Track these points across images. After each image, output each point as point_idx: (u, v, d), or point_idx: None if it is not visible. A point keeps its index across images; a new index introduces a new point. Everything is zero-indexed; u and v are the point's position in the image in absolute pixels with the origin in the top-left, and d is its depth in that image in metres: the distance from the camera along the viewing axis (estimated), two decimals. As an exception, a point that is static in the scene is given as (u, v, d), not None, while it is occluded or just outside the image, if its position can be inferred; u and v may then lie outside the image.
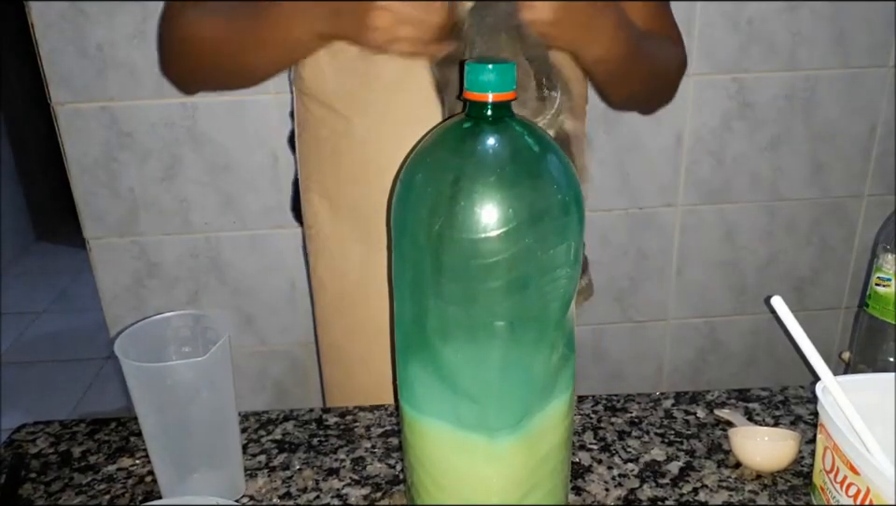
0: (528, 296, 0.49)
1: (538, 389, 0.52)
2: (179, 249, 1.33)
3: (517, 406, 0.52)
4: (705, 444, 0.72)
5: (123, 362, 0.59)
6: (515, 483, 0.54)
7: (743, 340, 1.51)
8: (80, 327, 2.78)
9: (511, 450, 0.53)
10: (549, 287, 0.50)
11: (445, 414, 0.52)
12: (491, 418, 0.51)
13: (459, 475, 0.54)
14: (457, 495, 0.55)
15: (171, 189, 1.28)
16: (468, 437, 0.52)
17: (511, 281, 0.48)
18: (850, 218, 1.43)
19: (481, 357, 0.50)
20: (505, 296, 0.48)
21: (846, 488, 0.56)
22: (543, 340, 0.51)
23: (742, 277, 1.45)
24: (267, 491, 0.67)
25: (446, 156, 0.51)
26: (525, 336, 0.50)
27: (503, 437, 0.52)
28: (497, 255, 0.47)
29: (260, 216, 1.31)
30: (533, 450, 0.54)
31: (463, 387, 0.51)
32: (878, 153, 1.38)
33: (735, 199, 1.39)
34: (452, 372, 0.51)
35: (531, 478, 0.55)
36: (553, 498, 0.58)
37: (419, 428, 0.55)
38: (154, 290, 1.35)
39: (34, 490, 0.68)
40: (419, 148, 0.53)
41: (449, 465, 0.55)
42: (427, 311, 0.51)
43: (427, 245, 0.49)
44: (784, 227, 1.42)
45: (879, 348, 0.80)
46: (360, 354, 0.87)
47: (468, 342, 0.50)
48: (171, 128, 1.24)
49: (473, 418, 0.51)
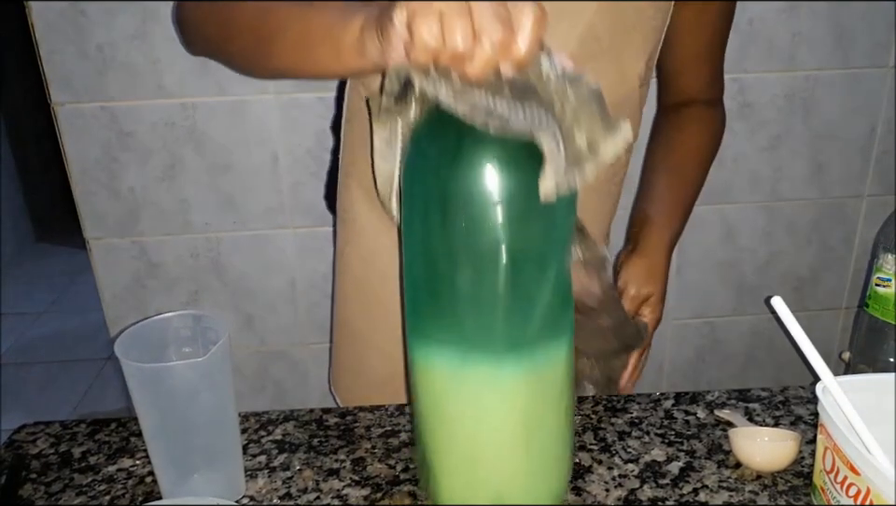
0: (530, 228, 0.52)
1: (539, 317, 0.54)
2: (179, 249, 1.33)
3: (520, 330, 0.54)
4: (705, 445, 0.72)
5: (123, 363, 0.59)
6: (520, 417, 0.56)
7: (743, 340, 1.51)
8: (80, 327, 2.78)
9: (516, 380, 0.54)
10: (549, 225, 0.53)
11: (452, 341, 0.54)
12: (496, 339, 0.53)
13: (466, 411, 0.56)
14: (464, 433, 0.57)
15: (171, 190, 1.28)
16: (475, 367, 0.54)
17: (514, 214, 0.51)
18: (850, 218, 1.43)
19: (487, 282, 0.52)
20: (509, 227, 0.51)
21: (846, 489, 0.56)
22: (544, 273, 0.54)
23: (742, 277, 1.45)
24: (267, 492, 0.67)
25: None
26: (527, 267, 0.53)
27: (508, 365, 0.54)
28: (501, 189, 0.50)
29: (260, 216, 1.31)
30: (537, 385, 0.56)
31: (469, 310, 0.53)
32: (878, 153, 1.38)
33: (734, 199, 1.39)
34: (459, 296, 0.53)
35: (536, 414, 0.56)
36: (558, 445, 0.59)
37: (427, 364, 0.57)
38: (154, 291, 1.35)
39: (34, 491, 0.68)
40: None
41: (457, 400, 0.56)
42: (436, 243, 0.53)
43: (436, 181, 0.52)
44: (784, 227, 1.42)
45: (879, 348, 0.80)
46: (373, 338, 0.89)
47: (474, 270, 0.52)
48: (171, 128, 1.24)
49: (480, 339, 0.54)
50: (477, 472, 0.58)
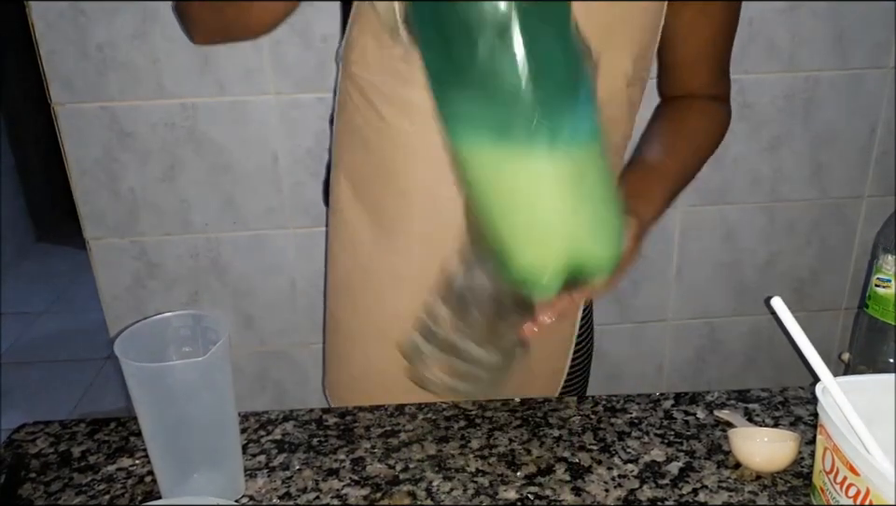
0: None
1: (562, 88, 0.57)
2: (179, 249, 1.33)
3: (549, 103, 0.56)
4: (704, 445, 0.72)
5: (123, 362, 0.59)
6: (561, 190, 0.58)
7: (743, 340, 1.51)
8: (80, 327, 2.78)
9: (550, 160, 0.57)
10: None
11: (486, 121, 0.57)
12: (525, 109, 0.55)
13: (517, 185, 0.59)
14: (522, 203, 0.60)
15: (171, 190, 1.28)
16: (512, 143, 0.57)
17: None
18: (850, 219, 1.43)
19: (503, 48, 0.54)
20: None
21: (845, 489, 0.56)
22: (560, 37, 0.56)
23: (742, 278, 1.45)
24: (267, 491, 0.67)
25: None
26: (538, 25, 0.54)
27: (540, 146, 0.56)
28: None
29: (260, 216, 1.31)
30: (571, 169, 0.58)
31: (492, 83, 0.55)
32: (878, 154, 1.38)
33: (734, 200, 1.39)
34: (481, 70, 0.55)
35: (577, 192, 0.59)
36: (603, 228, 0.63)
37: (471, 153, 0.60)
38: (154, 291, 1.35)
39: (33, 490, 0.68)
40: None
41: (505, 177, 0.59)
42: (450, 25, 0.55)
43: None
44: (784, 228, 1.42)
45: (879, 349, 0.80)
46: (358, 330, 0.89)
47: (487, 39, 0.54)
48: (171, 128, 1.24)
49: (510, 113, 0.56)
50: (543, 239, 0.61)
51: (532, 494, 0.66)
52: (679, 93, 0.90)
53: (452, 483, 0.68)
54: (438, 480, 0.68)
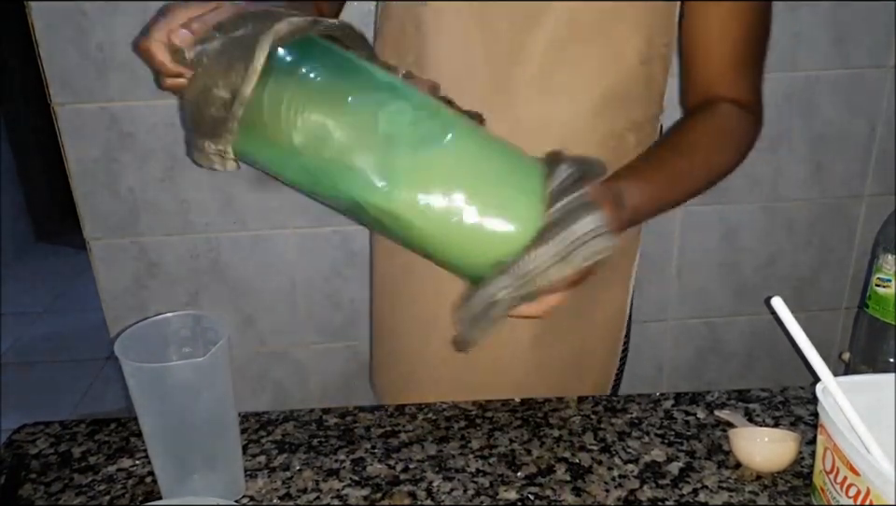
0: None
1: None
2: (179, 250, 1.33)
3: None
4: (705, 445, 0.72)
5: (123, 363, 0.59)
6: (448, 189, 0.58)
7: (743, 340, 1.51)
8: (80, 327, 2.78)
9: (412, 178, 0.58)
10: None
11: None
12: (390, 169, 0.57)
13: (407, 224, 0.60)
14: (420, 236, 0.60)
15: (171, 190, 1.28)
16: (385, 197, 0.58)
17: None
18: (850, 219, 1.43)
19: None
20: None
21: (846, 489, 0.56)
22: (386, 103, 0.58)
23: (742, 278, 1.45)
24: (267, 492, 0.67)
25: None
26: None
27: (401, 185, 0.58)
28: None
29: (260, 216, 1.31)
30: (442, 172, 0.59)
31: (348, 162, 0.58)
32: (878, 153, 1.37)
33: (734, 199, 1.39)
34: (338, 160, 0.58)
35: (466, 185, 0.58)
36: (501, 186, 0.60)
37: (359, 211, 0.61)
38: (154, 291, 1.35)
39: (34, 491, 0.68)
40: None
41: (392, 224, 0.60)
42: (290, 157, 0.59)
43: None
44: (784, 227, 1.42)
45: (879, 349, 0.80)
46: (400, 331, 0.91)
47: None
48: (171, 128, 1.24)
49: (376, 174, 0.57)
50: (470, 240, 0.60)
51: (532, 494, 0.66)
52: (699, 99, 0.83)
53: (452, 483, 0.68)
54: (438, 480, 0.68)
